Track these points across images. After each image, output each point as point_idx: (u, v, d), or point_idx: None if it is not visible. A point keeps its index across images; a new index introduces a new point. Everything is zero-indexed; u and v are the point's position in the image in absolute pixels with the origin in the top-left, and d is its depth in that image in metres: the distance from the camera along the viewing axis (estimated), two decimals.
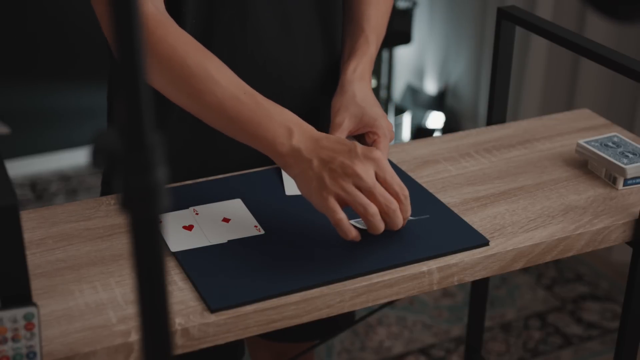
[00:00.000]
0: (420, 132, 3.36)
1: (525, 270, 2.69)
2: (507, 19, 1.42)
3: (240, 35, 1.24)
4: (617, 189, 1.26)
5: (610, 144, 1.32)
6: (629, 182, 1.26)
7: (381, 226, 1.04)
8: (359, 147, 1.06)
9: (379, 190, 1.04)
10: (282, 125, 1.08)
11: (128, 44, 0.55)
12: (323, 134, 1.09)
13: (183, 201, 1.18)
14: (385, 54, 3.23)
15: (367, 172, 1.04)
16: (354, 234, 1.03)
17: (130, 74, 0.56)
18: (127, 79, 0.56)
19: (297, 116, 1.11)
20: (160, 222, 0.59)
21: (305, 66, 1.30)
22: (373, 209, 1.03)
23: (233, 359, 1.43)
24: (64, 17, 3.14)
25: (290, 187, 1.22)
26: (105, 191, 1.37)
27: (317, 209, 1.06)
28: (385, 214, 1.04)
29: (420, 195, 1.23)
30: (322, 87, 1.34)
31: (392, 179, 1.05)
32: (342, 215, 1.03)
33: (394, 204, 1.04)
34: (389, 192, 1.05)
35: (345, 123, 1.22)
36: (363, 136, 1.27)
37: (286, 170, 1.09)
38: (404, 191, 1.06)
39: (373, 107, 1.25)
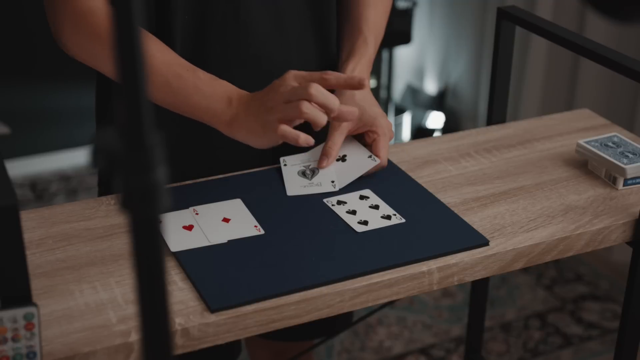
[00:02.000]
0: (420, 132, 3.36)
1: (525, 270, 2.69)
2: (507, 19, 1.42)
3: (233, 31, 1.23)
4: (617, 189, 1.26)
5: (610, 144, 1.32)
6: (629, 182, 1.26)
7: (321, 117, 1.11)
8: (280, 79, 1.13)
9: (308, 89, 1.10)
10: (222, 96, 1.15)
11: (128, 45, 0.55)
12: (258, 93, 1.15)
13: (183, 201, 1.18)
14: (385, 54, 3.23)
15: (289, 88, 1.11)
16: (305, 139, 1.11)
17: (130, 74, 0.56)
18: (127, 79, 0.56)
19: (235, 86, 1.17)
20: (160, 222, 0.59)
21: (298, 64, 1.30)
22: (305, 104, 1.10)
23: (230, 357, 1.43)
24: None
25: (292, 188, 1.22)
26: (102, 192, 1.37)
27: (276, 144, 1.14)
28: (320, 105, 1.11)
29: (420, 195, 1.23)
30: None
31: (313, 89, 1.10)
32: (294, 134, 1.11)
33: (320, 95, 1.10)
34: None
35: (344, 123, 1.23)
36: (363, 135, 1.27)
37: (234, 136, 1.15)
38: (324, 81, 1.13)
39: (372, 106, 1.25)
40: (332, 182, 1.23)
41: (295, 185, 1.22)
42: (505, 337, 2.42)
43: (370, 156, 1.24)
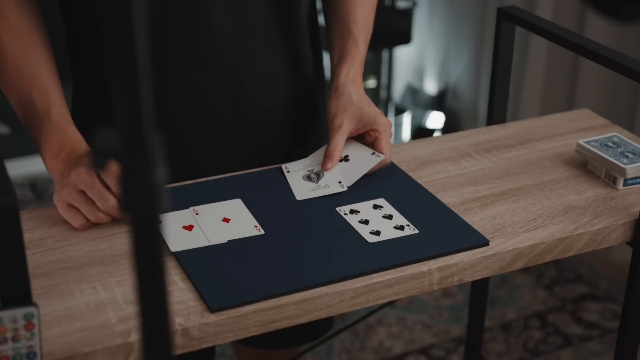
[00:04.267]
0: (420, 132, 3.36)
1: (525, 270, 2.69)
2: (507, 19, 1.42)
3: (195, 34, 1.21)
4: (617, 189, 1.26)
5: (610, 144, 1.32)
6: (629, 182, 1.26)
7: (100, 217, 1.11)
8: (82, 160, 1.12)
9: (90, 189, 1.09)
10: (56, 144, 1.15)
11: (128, 46, 0.55)
12: (82, 156, 1.14)
13: (183, 201, 1.18)
14: (385, 54, 3.23)
15: (80, 178, 1.09)
16: (77, 223, 1.12)
17: (130, 74, 0.56)
18: (127, 79, 0.56)
19: (80, 138, 1.18)
20: (160, 222, 0.59)
21: (264, 66, 1.28)
22: (86, 206, 1.10)
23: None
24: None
25: (300, 192, 1.22)
26: None
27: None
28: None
29: (420, 195, 1.23)
30: (284, 88, 1.32)
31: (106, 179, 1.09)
32: (69, 215, 1.12)
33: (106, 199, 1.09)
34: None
35: (345, 124, 1.23)
36: (363, 136, 1.27)
37: (45, 163, 1.18)
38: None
39: (369, 106, 1.26)
40: (339, 182, 1.23)
41: (303, 189, 1.22)
42: (505, 337, 2.42)
43: (373, 153, 1.25)
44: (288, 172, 1.25)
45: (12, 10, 1.19)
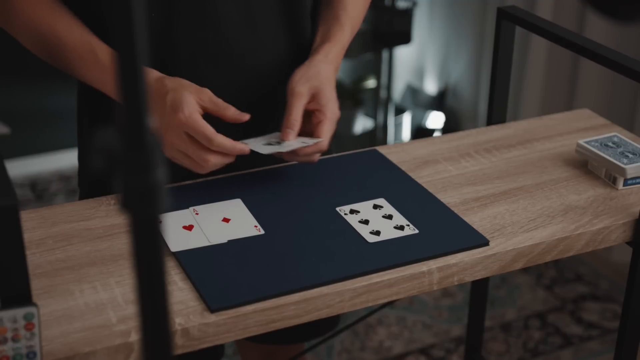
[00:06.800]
0: (420, 132, 3.36)
1: (525, 270, 2.69)
2: (507, 19, 1.42)
3: (201, 28, 1.22)
4: (617, 189, 1.26)
5: (610, 144, 1.32)
6: (629, 182, 1.26)
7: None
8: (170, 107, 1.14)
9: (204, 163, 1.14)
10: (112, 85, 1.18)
11: (128, 46, 0.55)
12: (161, 98, 1.15)
13: (183, 201, 1.18)
14: (385, 54, 3.23)
15: (187, 136, 1.13)
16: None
17: (130, 74, 0.56)
18: (127, 79, 0.56)
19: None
20: (160, 222, 0.59)
21: (270, 60, 1.28)
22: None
23: (214, 358, 1.42)
24: None
25: (263, 150, 1.20)
26: (83, 194, 1.36)
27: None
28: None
29: (420, 195, 1.23)
30: (288, 80, 1.31)
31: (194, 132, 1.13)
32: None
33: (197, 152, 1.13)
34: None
35: (305, 93, 1.20)
36: (310, 115, 1.24)
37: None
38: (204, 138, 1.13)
39: (331, 89, 1.23)
40: (303, 142, 1.20)
41: (265, 149, 1.19)
42: (505, 337, 2.42)
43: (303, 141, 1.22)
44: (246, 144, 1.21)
45: None
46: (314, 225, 1.15)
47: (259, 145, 1.20)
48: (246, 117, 1.17)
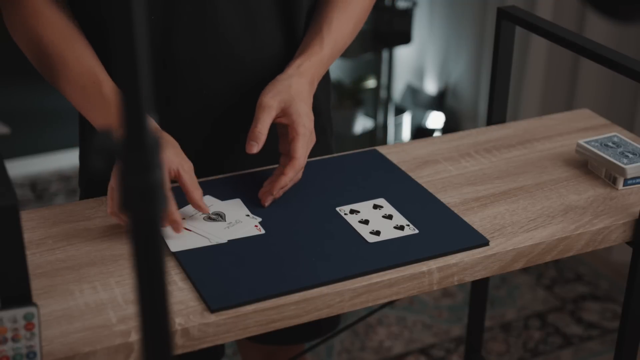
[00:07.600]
0: (420, 132, 3.36)
1: (525, 270, 2.69)
2: (507, 19, 1.42)
3: (201, 32, 1.22)
4: (617, 189, 1.26)
5: (610, 144, 1.32)
6: (629, 182, 1.26)
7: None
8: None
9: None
10: (108, 119, 1.16)
11: (128, 46, 0.55)
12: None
13: (183, 201, 1.18)
14: (385, 54, 3.23)
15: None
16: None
17: (130, 74, 0.56)
18: (127, 79, 0.56)
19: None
20: (160, 222, 0.59)
21: (268, 63, 1.28)
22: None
23: (214, 358, 1.42)
24: None
25: (217, 235, 1.12)
26: (83, 194, 1.36)
27: None
28: None
29: (420, 195, 1.23)
30: None
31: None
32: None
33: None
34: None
35: (274, 106, 1.17)
36: (283, 130, 1.21)
37: None
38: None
39: (302, 103, 1.19)
40: (247, 215, 1.16)
41: (217, 231, 1.13)
42: (505, 337, 2.42)
43: (248, 215, 1.17)
44: (183, 218, 1.14)
45: (46, 7, 1.19)
46: (314, 225, 1.15)
47: (200, 220, 1.15)
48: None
